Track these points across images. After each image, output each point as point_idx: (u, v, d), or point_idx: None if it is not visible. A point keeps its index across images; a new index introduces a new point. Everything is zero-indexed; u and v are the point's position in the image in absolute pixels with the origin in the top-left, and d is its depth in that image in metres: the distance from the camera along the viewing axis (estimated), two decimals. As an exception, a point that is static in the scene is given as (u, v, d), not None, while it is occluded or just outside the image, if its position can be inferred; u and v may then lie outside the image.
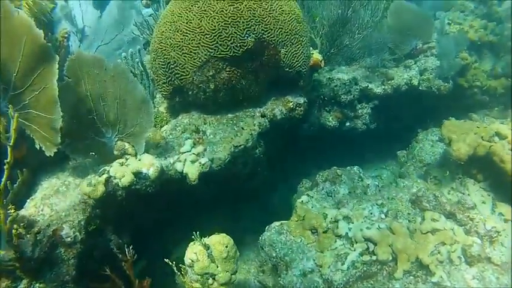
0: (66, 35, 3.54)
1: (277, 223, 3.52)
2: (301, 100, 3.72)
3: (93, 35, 3.91)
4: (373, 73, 5.16)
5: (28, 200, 3.24)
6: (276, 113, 3.57)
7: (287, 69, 3.49)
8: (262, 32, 3.31)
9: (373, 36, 4.78)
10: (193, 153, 3.16)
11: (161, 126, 3.59)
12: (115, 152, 3.22)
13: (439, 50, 4.99)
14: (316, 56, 4.28)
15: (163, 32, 3.50)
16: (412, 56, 5.34)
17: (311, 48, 4.07)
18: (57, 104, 2.80)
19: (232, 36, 3.25)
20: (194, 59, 3.31)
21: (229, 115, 3.51)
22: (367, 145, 5.81)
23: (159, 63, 3.50)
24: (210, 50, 3.27)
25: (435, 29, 5.37)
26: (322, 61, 4.39)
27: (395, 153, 5.79)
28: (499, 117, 5.53)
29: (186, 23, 3.35)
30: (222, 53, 3.26)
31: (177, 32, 3.38)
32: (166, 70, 3.45)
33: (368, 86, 5.05)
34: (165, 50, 3.43)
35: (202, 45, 3.27)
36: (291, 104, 3.65)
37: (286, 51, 3.43)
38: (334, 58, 4.75)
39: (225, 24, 3.25)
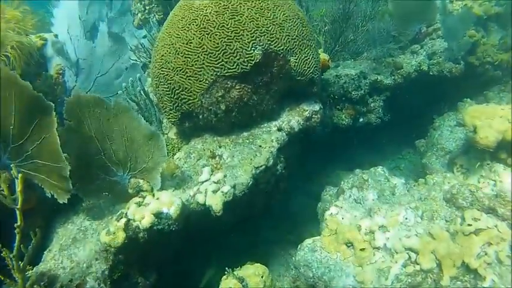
0: (61, 71, 3.33)
1: (309, 240, 3.33)
2: (317, 107, 3.51)
3: (89, 67, 3.69)
4: (380, 64, 4.94)
5: (45, 252, 3.07)
6: (292, 125, 3.36)
7: (299, 77, 3.27)
8: (269, 42, 3.09)
9: (377, 27, 4.56)
10: (214, 182, 2.96)
11: (173, 154, 3.39)
12: (129, 191, 3.03)
13: (445, 31, 4.77)
14: (323, 56, 4.07)
15: (162, 55, 3.28)
16: (417, 40, 5.12)
17: (316, 48, 3.86)
18: (60, 152, 2.62)
19: (237, 52, 3.03)
20: (200, 81, 3.09)
21: (245, 133, 3.30)
22: (383, 137, 5.62)
23: (163, 90, 3.29)
24: (216, 70, 3.05)
25: (438, 10, 5.13)
26: (329, 60, 4.17)
27: (412, 141, 5.62)
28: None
29: (186, 44, 3.13)
30: (230, 70, 3.04)
31: (178, 54, 3.16)
32: (172, 96, 3.23)
33: (378, 78, 4.84)
34: (167, 75, 3.22)
35: (206, 66, 3.06)
36: (306, 112, 3.44)
37: (296, 59, 3.21)
38: (340, 55, 4.53)
39: (228, 39, 3.03)
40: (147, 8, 5.38)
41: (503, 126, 3.63)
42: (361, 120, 5.03)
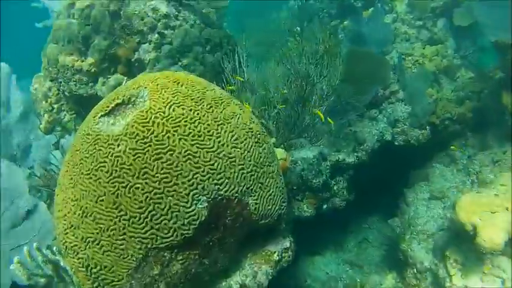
0: None
1: None
2: (287, 242, 2.66)
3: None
4: (339, 138, 4.26)
5: None
6: (260, 279, 2.47)
7: (262, 221, 2.40)
8: (217, 187, 2.18)
9: (333, 100, 3.87)
10: None
11: None
12: None
13: (407, 95, 4.21)
14: (281, 154, 3.26)
15: (65, 215, 2.24)
16: (374, 104, 4.52)
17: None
18: None
19: (173, 212, 2.08)
20: (124, 258, 2.09)
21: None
22: (349, 214, 4.94)
23: (73, 264, 2.24)
24: (145, 241, 2.07)
25: (392, 69, 4.60)
26: (287, 157, 3.37)
27: (379, 210, 5.03)
28: (475, 144, 4.93)
29: (96, 202, 2.12)
30: (165, 240, 2.08)
31: (86, 217, 2.14)
32: (88, 274, 2.19)
33: (339, 158, 4.14)
34: (75, 246, 2.18)
35: (130, 236, 2.07)
36: (275, 255, 2.58)
37: (257, 199, 2.34)
38: (296, 142, 3.76)
39: (155, 194, 2.08)
40: (55, 106, 4.23)
41: (507, 220, 3.07)
42: (324, 207, 4.28)
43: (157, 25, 3.99)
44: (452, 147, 4.26)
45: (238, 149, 2.31)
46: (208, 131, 2.27)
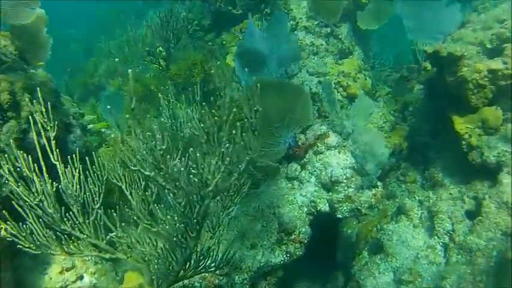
0: None
1: None
2: None
3: None
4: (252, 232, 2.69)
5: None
6: None
7: None
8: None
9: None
10: None
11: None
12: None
13: (351, 143, 2.82)
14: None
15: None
16: (293, 157, 3.05)
17: None
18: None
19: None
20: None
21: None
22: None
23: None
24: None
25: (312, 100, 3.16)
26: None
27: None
28: (415, 179, 3.79)
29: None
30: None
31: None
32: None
33: (261, 260, 2.57)
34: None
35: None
36: None
37: None
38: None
39: None
40: None
41: None
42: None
43: None
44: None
45: None
46: None
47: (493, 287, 2.62)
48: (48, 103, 1.88)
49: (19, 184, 1.81)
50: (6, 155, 1.84)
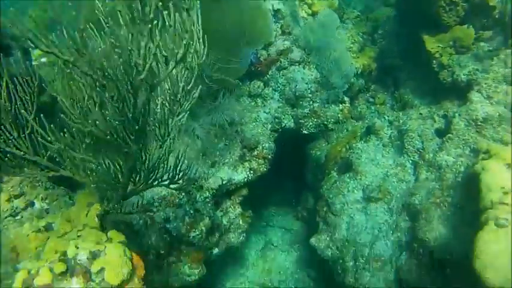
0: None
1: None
2: None
3: None
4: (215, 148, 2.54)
5: None
6: None
7: None
8: None
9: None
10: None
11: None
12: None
13: (315, 55, 2.64)
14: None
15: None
16: (255, 75, 2.87)
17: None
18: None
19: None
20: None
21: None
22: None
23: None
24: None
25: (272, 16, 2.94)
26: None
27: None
28: (385, 100, 3.69)
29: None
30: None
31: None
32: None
33: (222, 178, 2.43)
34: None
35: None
36: None
37: None
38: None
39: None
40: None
41: None
42: (216, 251, 2.61)
43: None
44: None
45: None
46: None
47: (459, 201, 2.59)
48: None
49: None
50: None
